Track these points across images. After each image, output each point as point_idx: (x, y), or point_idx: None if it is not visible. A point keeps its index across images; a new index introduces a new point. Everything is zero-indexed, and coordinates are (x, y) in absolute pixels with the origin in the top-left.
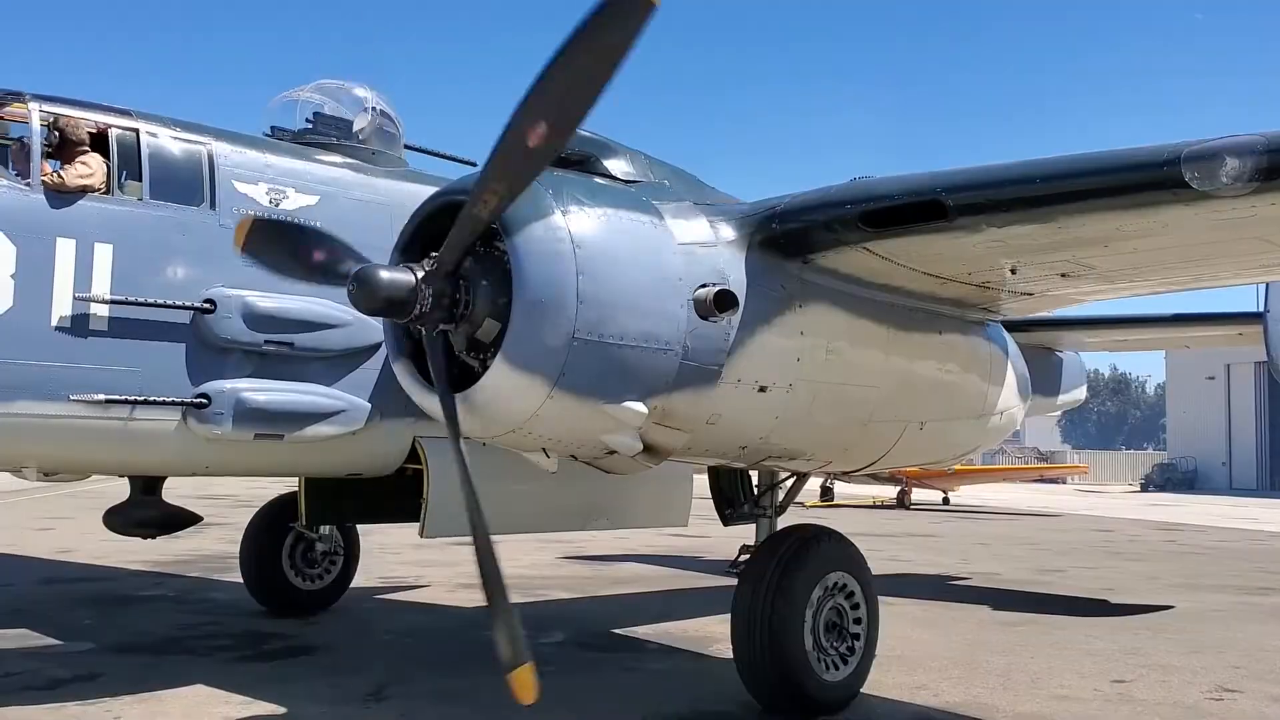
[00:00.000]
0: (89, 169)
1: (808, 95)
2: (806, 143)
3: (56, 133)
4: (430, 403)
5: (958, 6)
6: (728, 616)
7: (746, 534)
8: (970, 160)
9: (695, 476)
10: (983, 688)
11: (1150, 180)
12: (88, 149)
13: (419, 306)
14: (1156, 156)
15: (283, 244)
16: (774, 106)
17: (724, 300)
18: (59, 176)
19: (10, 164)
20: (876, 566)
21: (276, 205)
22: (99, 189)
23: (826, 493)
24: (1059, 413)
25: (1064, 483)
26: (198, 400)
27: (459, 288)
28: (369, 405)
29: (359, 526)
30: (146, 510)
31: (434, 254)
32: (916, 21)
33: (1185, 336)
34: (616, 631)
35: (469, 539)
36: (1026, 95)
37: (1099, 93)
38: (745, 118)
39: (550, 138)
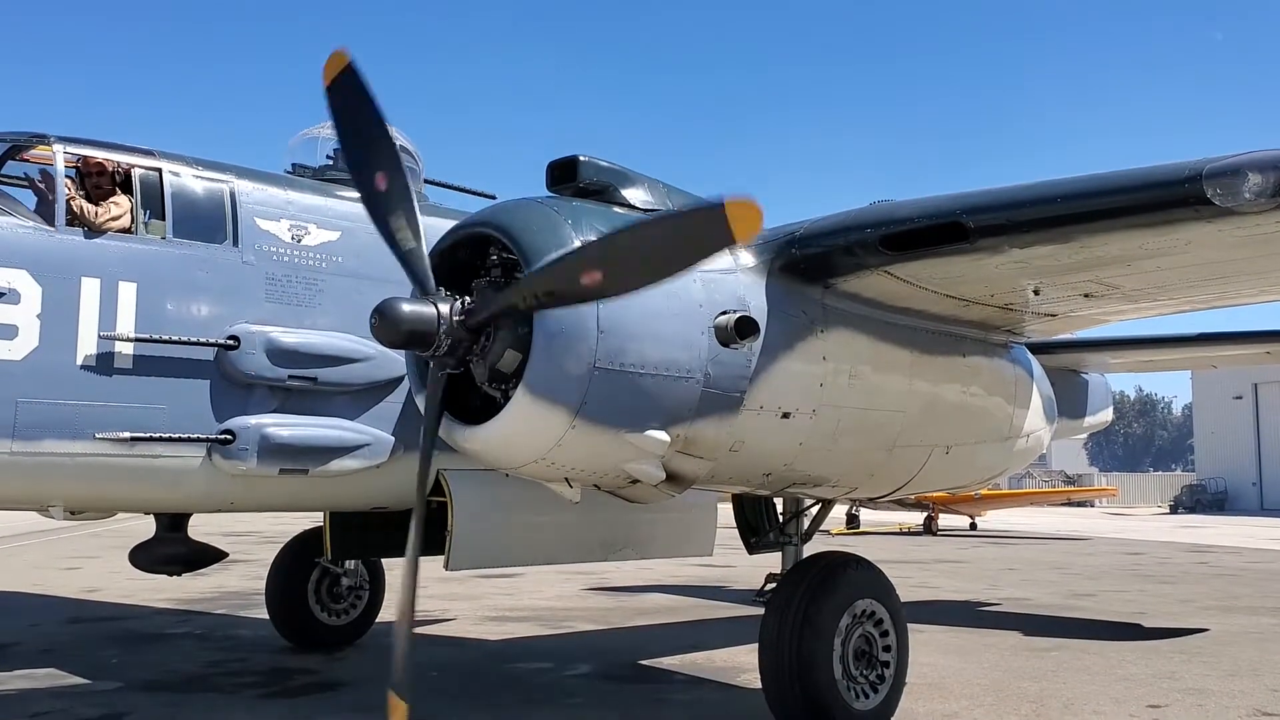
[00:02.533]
0: (113, 209)
1: (801, 120)
2: (802, 168)
3: (81, 174)
4: (453, 435)
5: (959, 24)
6: (755, 646)
7: (772, 563)
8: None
9: (720, 505)
10: (1015, 715)
11: (1172, 198)
12: (112, 189)
13: (438, 346)
14: (1178, 174)
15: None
16: (767, 132)
17: (745, 327)
18: (84, 217)
19: (36, 205)
20: (905, 593)
21: (299, 241)
22: (123, 228)
23: (853, 520)
24: (1085, 435)
25: (1092, 506)
26: (222, 436)
27: (480, 329)
28: (393, 439)
29: (384, 560)
30: (172, 547)
31: (457, 293)
32: (912, 43)
33: (1212, 356)
34: (642, 663)
35: (490, 569)
36: (1036, 115)
37: (1111, 112)
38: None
39: (602, 286)
